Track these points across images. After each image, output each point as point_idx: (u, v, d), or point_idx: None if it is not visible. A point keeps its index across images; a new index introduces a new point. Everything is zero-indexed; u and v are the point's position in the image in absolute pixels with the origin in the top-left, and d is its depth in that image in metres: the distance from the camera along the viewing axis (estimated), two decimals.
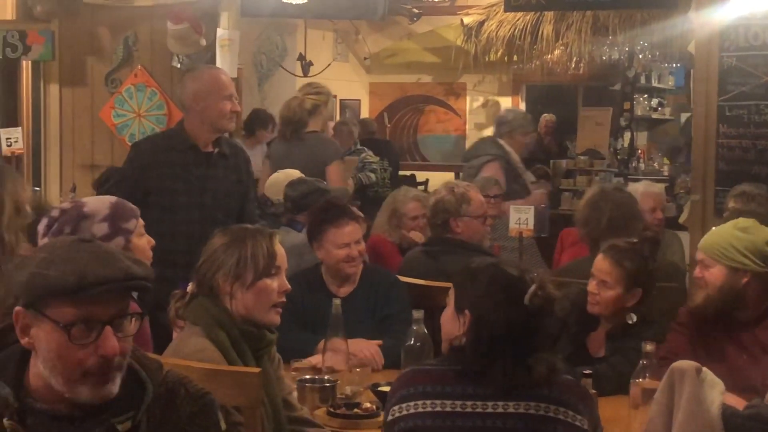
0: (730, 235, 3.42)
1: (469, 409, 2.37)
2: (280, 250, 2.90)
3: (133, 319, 1.90)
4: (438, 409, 2.38)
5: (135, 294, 1.95)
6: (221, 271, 2.81)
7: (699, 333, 3.45)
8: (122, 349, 1.87)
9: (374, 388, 3.28)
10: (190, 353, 2.72)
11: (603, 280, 3.58)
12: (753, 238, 3.38)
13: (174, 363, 2.50)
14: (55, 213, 2.99)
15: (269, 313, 2.86)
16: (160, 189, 4.25)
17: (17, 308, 1.87)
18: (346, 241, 4.00)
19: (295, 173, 5.36)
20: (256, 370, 2.66)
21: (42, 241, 2.93)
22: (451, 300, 2.57)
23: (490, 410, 2.37)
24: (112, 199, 3.12)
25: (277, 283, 2.87)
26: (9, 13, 7.60)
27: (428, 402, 2.39)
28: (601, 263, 3.63)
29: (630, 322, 3.56)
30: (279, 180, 5.37)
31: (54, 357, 1.84)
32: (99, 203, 3.06)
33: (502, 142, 6.62)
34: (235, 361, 2.73)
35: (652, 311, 3.67)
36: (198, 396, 2.02)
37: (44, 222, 2.99)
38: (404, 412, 2.40)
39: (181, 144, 4.36)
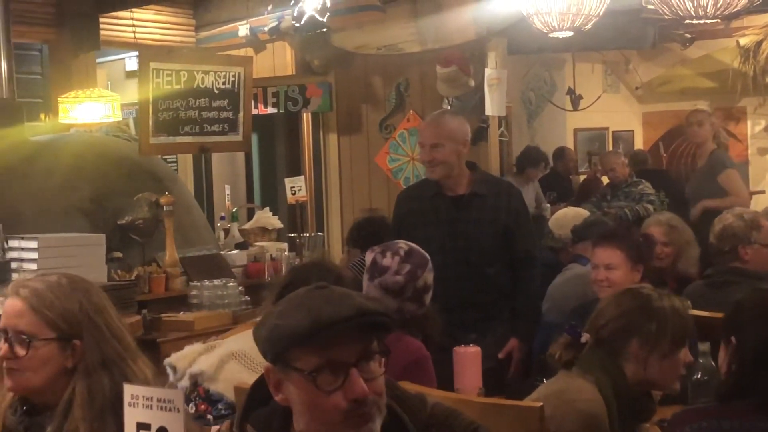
0: None
1: None
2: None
3: (381, 359, 1.85)
4: None
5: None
6: (638, 336, 2.77)
7: None
8: (373, 390, 1.81)
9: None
10: (580, 400, 2.69)
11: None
12: None
13: (447, 396, 2.50)
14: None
15: (675, 383, 2.84)
16: (416, 237, 4.31)
17: (267, 365, 1.88)
18: (595, 262, 4.06)
19: (583, 212, 5.43)
20: (538, 404, 2.62)
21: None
22: None
23: None
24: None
25: (683, 353, 2.83)
26: (289, 69, 8.04)
27: None
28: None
29: None
30: (567, 216, 5.41)
31: (307, 409, 1.82)
32: None
33: None
34: (614, 423, 2.68)
35: None
36: (470, 430, 1.97)
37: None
38: None
39: (428, 191, 4.44)
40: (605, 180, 8.54)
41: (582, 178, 9.98)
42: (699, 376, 3.19)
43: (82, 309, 2.31)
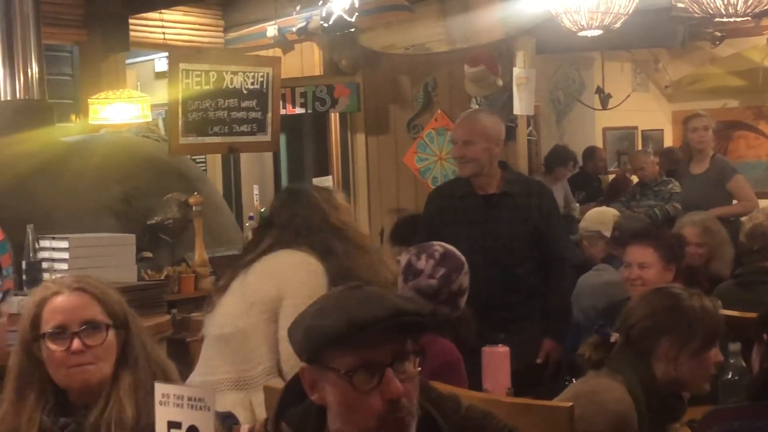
0: None
1: None
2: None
3: (416, 359, 1.85)
4: None
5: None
6: (668, 335, 2.76)
7: None
8: (408, 391, 1.81)
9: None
10: (609, 401, 2.69)
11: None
12: None
13: (476, 396, 2.49)
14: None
15: (705, 383, 2.82)
16: (446, 236, 4.30)
17: (302, 365, 1.89)
18: (628, 261, 4.06)
19: (612, 211, 5.41)
20: (567, 404, 2.61)
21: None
22: None
23: None
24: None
25: (714, 352, 2.82)
26: (317, 69, 8.05)
27: None
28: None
29: None
30: (597, 215, 5.41)
31: (343, 409, 1.83)
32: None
33: None
34: (643, 423, 2.67)
35: None
36: None
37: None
38: None
39: (459, 189, 4.43)
40: (635, 179, 8.50)
41: (611, 177, 9.94)
42: (729, 376, 3.17)
43: (123, 300, 2.42)
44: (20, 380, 2.35)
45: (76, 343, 2.31)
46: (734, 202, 6.80)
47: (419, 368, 1.86)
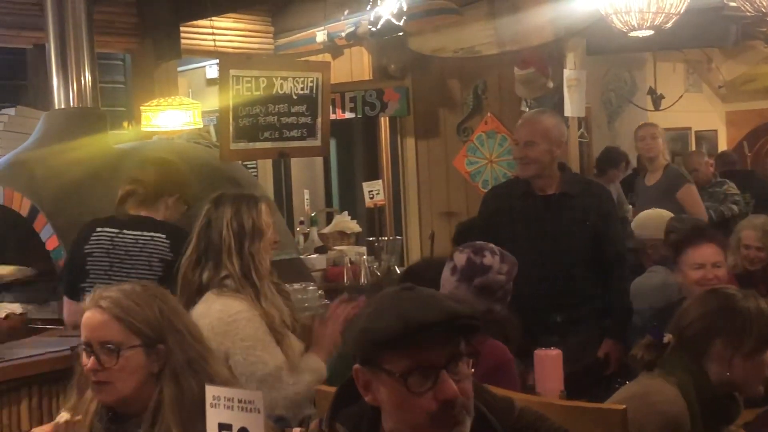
0: None
1: None
2: None
3: (469, 360, 1.86)
4: None
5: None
6: (721, 336, 2.73)
7: None
8: (463, 391, 1.83)
9: None
10: (660, 402, 2.67)
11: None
12: None
13: (528, 399, 2.47)
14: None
15: (759, 385, 2.78)
16: (503, 236, 4.29)
17: (355, 366, 1.89)
18: (700, 262, 3.96)
19: (666, 213, 5.34)
20: (621, 407, 2.58)
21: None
22: None
23: None
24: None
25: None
26: (367, 73, 8.06)
27: None
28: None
29: None
30: (650, 217, 5.35)
31: (397, 409, 1.84)
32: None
33: None
34: (696, 425, 2.64)
35: None
36: None
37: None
38: None
39: (517, 189, 4.40)
40: None
41: None
42: None
43: (162, 313, 2.35)
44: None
45: (91, 362, 2.32)
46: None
47: (472, 370, 1.86)
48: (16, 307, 5.17)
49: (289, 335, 3.46)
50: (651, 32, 5.33)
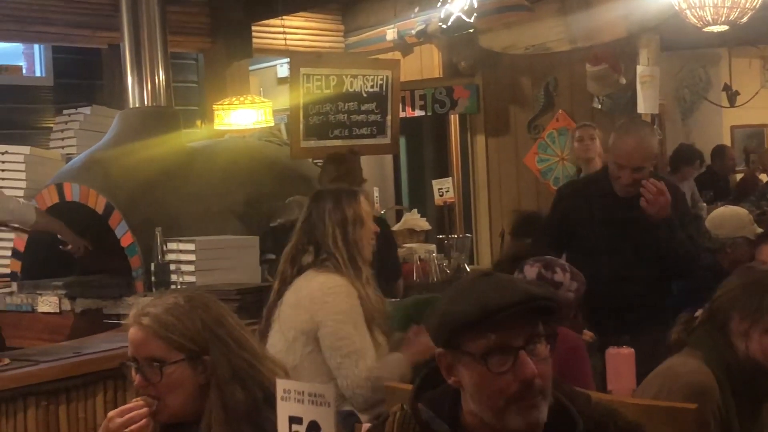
0: None
1: None
2: None
3: (546, 342, 1.90)
4: None
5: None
6: (737, 309, 2.70)
7: None
8: (541, 372, 1.87)
9: None
10: (684, 373, 2.67)
11: None
12: None
13: (600, 397, 2.46)
14: None
15: None
16: (582, 234, 4.24)
17: (438, 350, 1.95)
18: (766, 260, 3.94)
19: (741, 211, 5.26)
20: (693, 406, 2.54)
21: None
22: None
23: None
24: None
25: None
26: (436, 71, 8.06)
27: None
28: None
29: None
30: (725, 215, 5.26)
31: (478, 390, 1.89)
32: None
33: None
34: (727, 399, 2.62)
35: None
36: (629, 430, 1.99)
37: None
38: None
39: (599, 190, 4.33)
40: (764, 178, 8.24)
41: (739, 176, 9.67)
42: None
43: (204, 325, 2.32)
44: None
45: (138, 379, 2.32)
46: None
47: (550, 352, 1.91)
48: (92, 303, 5.27)
49: (377, 327, 3.48)
50: (726, 27, 5.25)
